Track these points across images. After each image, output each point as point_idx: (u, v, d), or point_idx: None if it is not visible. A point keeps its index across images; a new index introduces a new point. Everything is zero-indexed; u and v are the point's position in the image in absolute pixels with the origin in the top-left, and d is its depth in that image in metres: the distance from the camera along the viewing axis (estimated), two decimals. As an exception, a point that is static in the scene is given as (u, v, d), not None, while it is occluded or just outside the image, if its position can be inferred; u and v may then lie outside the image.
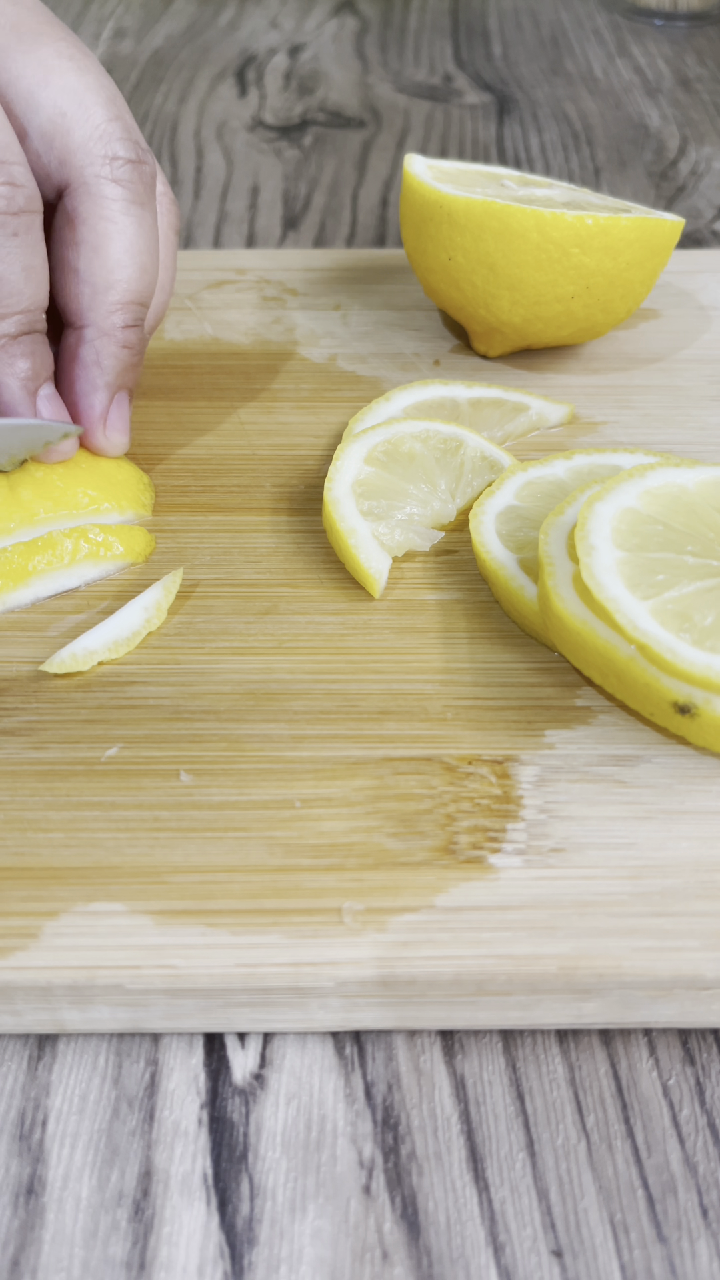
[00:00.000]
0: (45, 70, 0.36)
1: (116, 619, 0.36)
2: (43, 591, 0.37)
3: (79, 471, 0.38)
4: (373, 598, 0.37)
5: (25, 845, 0.30)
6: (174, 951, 0.28)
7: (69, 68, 0.36)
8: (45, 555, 0.36)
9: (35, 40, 0.36)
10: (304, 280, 0.52)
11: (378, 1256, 0.26)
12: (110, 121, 0.36)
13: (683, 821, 0.31)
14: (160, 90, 0.77)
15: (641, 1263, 0.26)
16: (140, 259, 0.37)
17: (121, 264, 0.37)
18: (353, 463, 0.39)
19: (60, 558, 0.37)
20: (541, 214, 0.42)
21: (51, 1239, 0.26)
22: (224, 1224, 0.26)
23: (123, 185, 0.36)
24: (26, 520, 0.37)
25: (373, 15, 0.89)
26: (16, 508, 0.37)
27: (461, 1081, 0.29)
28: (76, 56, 0.36)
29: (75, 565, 0.37)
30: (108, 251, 0.37)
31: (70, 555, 0.37)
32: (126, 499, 0.39)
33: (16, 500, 0.37)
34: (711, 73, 0.80)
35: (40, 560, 0.36)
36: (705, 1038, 0.30)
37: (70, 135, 0.36)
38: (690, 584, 0.32)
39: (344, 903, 0.29)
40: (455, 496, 0.40)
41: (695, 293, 0.52)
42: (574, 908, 0.29)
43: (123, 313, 0.38)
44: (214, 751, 0.33)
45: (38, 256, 0.36)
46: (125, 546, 0.38)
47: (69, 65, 0.36)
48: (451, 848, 0.30)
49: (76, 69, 0.36)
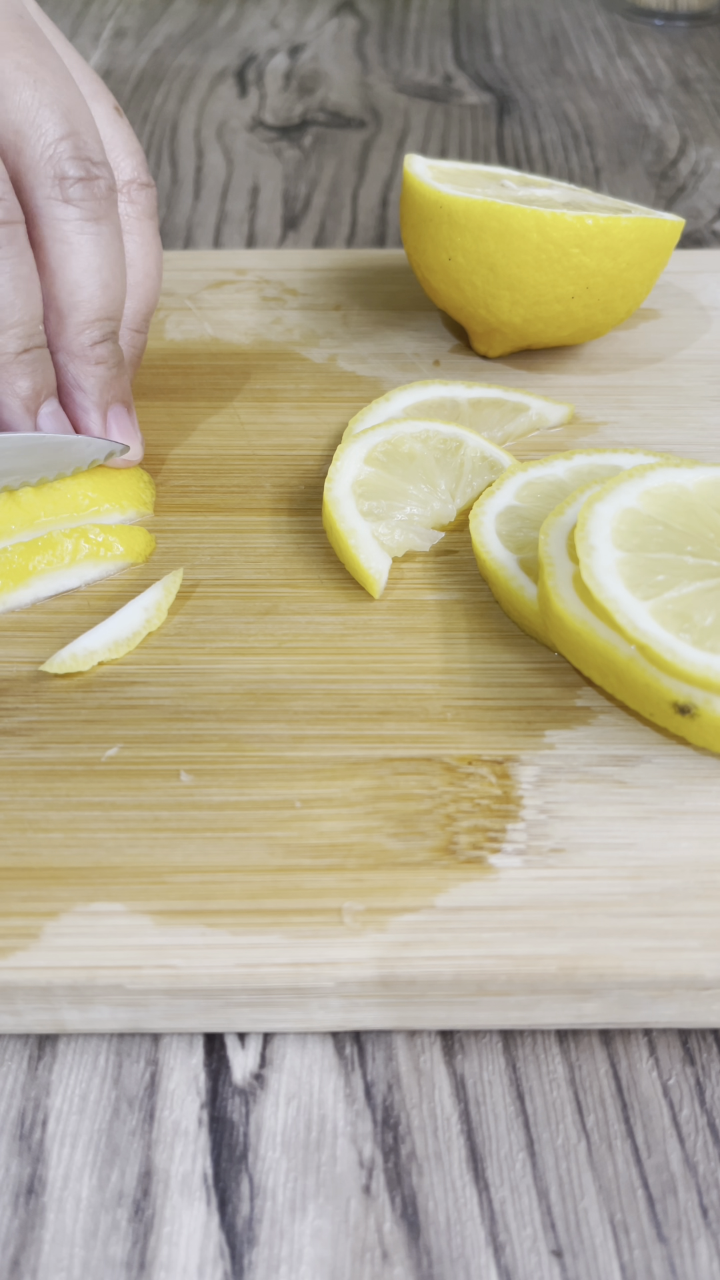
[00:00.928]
0: (3, 84, 0.35)
1: (116, 619, 0.36)
2: (43, 591, 0.37)
3: (78, 473, 0.38)
4: (373, 598, 0.37)
5: (25, 845, 0.30)
6: (174, 951, 0.28)
7: (24, 81, 0.35)
8: (45, 555, 0.36)
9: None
10: (304, 280, 0.52)
11: (378, 1256, 0.26)
12: (60, 141, 0.36)
13: (683, 822, 0.31)
14: (160, 90, 0.77)
15: (641, 1263, 0.26)
16: (100, 275, 0.37)
17: (80, 285, 0.37)
18: (353, 463, 0.39)
19: (60, 558, 0.37)
20: (542, 214, 0.42)
21: (52, 1239, 0.26)
22: (224, 1224, 0.26)
23: (75, 204, 0.36)
24: (27, 524, 0.37)
25: (373, 15, 0.89)
26: (17, 510, 0.37)
27: (461, 1081, 0.29)
28: (34, 68, 0.36)
29: (75, 565, 0.37)
30: (65, 274, 0.37)
31: (70, 555, 0.37)
32: (127, 498, 0.39)
33: (16, 503, 0.37)
34: (712, 73, 0.80)
35: (40, 560, 0.36)
36: (705, 1038, 0.30)
37: (21, 155, 0.36)
38: (690, 584, 0.32)
39: (344, 903, 0.29)
40: (455, 497, 0.40)
41: (695, 293, 0.52)
42: (574, 908, 0.29)
43: (89, 332, 0.38)
44: (214, 751, 0.33)
45: (25, 265, 0.35)
46: (125, 546, 0.38)
47: (24, 79, 0.35)
48: (451, 848, 0.30)
49: (32, 81, 0.35)
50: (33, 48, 0.36)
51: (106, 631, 0.35)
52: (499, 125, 0.74)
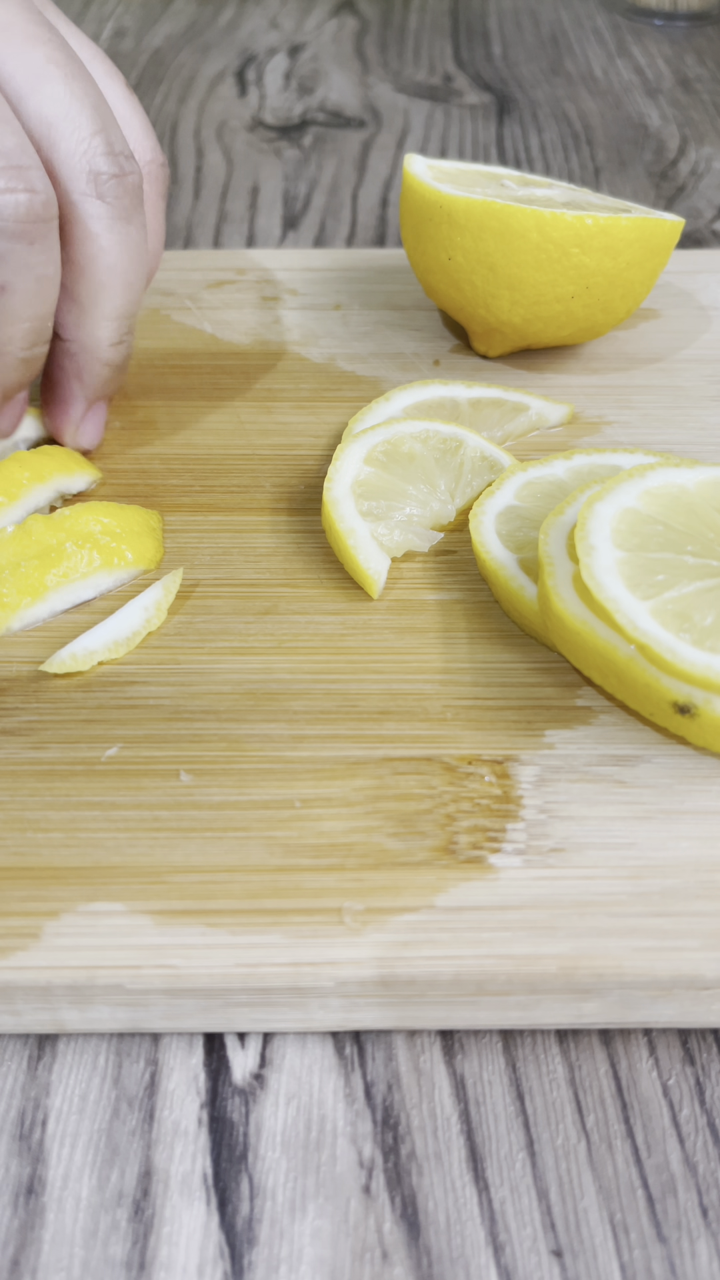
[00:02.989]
0: (34, 75, 0.35)
1: (116, 619, 0.36)
2: (59, 605, 0.37)
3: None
4: (371, 598, 0.37)
5: (25, 845, 0.30)
6: (174, 951, 0.28)
7: (57, 75, 0.35)
8: (60, 568, 0.36)
9: (27, 43, 0.35)
10: (304, 280, 0.52)
11: (377, 1256, 0.26)
12: (94, 136, 0.36)
13: (683, 821, 0.31)
14: (160, 90, 0.77)
15: (641, 1263, 0.26)
16: (126, 277, 0.37)
17: (105, 284, 0.37)
18: (352, 463, 0.39)
19: (75, 569, 0.37)
20: (541, 214, 0.42)
21: (51, 1239, 0.26)
22: (224, 1224, 0.26)
23: (106, 201, 0.36)
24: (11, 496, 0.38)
25: (372, 15, 0.89)
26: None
27: (461, 1081, 0.29)
28: (65, 62, 0.36)
29: (90, 576, 0.37)
30: (92, 272, 0.37)
31: (85, 566, 0.37)
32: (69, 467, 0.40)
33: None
34: (711, 73, 0.80)
35: (55, 574, 0.36)
36: (705, 1038, 0.30)
37: (56, 148, 0.36)
38: (690, 584, 0.32)
39: (344, 903, 0.29)
40: (455, 497, 0.40)
41: (695, 293, 0.52)
42: (574, 908, 0.29)
43: (108, 330, 0.38)
44: (214, 751, 0.33)
45: (52, 265, 0.35)
46: (136, 554, 0.38)
47: (57, 72, 0.36)
48: (451, 848, 0.30)
49: (64, 76, 0.36)
50: (60, 42, 0.36)
51: (106, 631, 0.35)
52: (499, 125, 0.74)
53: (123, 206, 0.37)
